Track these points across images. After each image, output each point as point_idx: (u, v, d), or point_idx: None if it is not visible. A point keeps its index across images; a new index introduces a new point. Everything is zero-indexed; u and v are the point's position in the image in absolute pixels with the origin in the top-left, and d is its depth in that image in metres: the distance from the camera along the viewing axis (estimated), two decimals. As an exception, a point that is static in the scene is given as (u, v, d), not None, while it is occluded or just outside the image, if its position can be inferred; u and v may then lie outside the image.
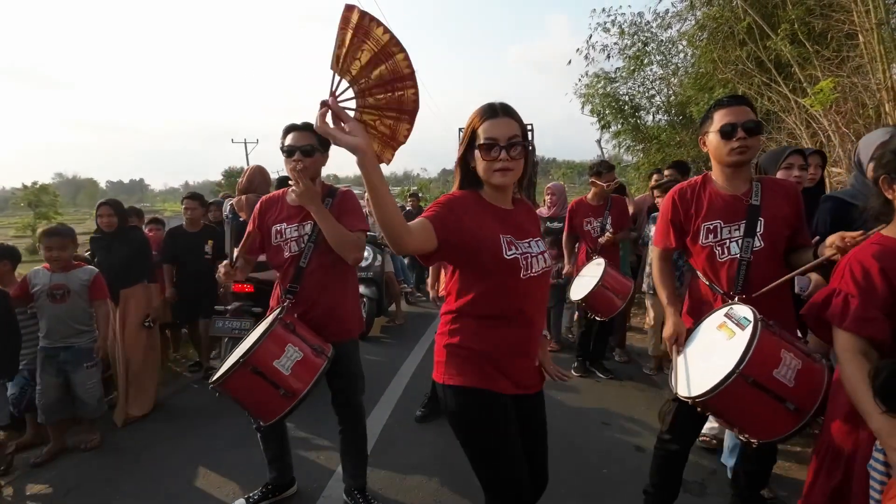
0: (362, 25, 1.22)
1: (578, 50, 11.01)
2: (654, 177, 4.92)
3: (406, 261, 7.45)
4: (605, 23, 10.57)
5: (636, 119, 11.33)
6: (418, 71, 1.33)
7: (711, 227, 1.92)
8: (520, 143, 1.49)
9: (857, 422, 1.33)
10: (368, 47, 1.24)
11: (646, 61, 10.67)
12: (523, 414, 1.61)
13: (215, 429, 3.44)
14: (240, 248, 2.33)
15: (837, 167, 5.71)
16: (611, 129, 11.81)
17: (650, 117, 11.38)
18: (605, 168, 4.13)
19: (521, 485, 1.54)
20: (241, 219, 3.81)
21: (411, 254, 1.43)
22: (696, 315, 1.99)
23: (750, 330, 1.60)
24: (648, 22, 10.44)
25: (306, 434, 3.22)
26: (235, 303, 4.00)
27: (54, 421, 3.08)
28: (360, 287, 5.41)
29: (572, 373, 4.26)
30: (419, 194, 11.03)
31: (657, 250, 2.14)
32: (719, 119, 1.89)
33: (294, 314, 2.23)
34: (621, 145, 12.04)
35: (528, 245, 1.55)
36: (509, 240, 1.51)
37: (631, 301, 4.52)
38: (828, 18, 6.65)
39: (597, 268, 3.74)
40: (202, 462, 3.00)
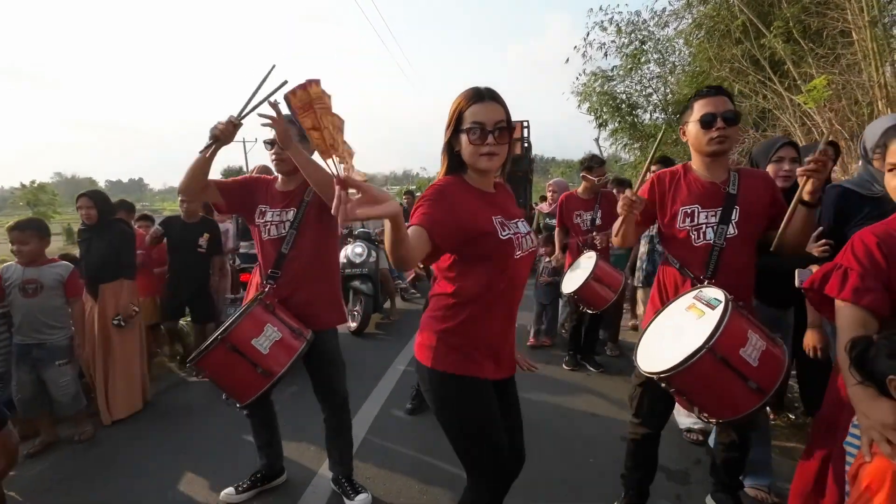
0: (303, 100, 1.30)
1: (576, 48, 11.04)
2: (652, 168, 4.94)
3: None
4: (603, 21, 10.62)
5: (633, 117, 11.37)
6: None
7: (689, 210, 1.94)
8: (505, 128, 1.51)
9: (845, 403, 1.34)
10: (318, 110, 1.32)
11: (643, 59, 10.72)
12: (499, 392, 1.63)
13: (207, 423, 3.46)
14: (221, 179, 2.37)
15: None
16: (608, 128, 11.85)
17: (647, 115, 11.43)
18: (597, 163, 4.15)
19: (506, 461, 1.58)
20: None
21: (416, 261, 1.43)
22: (664, 298, 2.01)
23: (721, 309, 1.63)
24: (646, 20, 10.51)
25: (295, 426, 3.24)
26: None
27: (34, 416, 3.07)
28: (355, 283, 5.49)
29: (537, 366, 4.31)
30: (415, 193, 11.05)
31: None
32: (699, 109, 1.91)
33: (274, 299, 2.25)
34: (618, 143, 12.09)
35: (516, 226, 1.58)
36: (501, 221, 1.53)
37: (622, 295, 4.55)
38: (822, 16, 6.68)
39: (588, 261, 3.76)
40: (193, 454, 3.02)
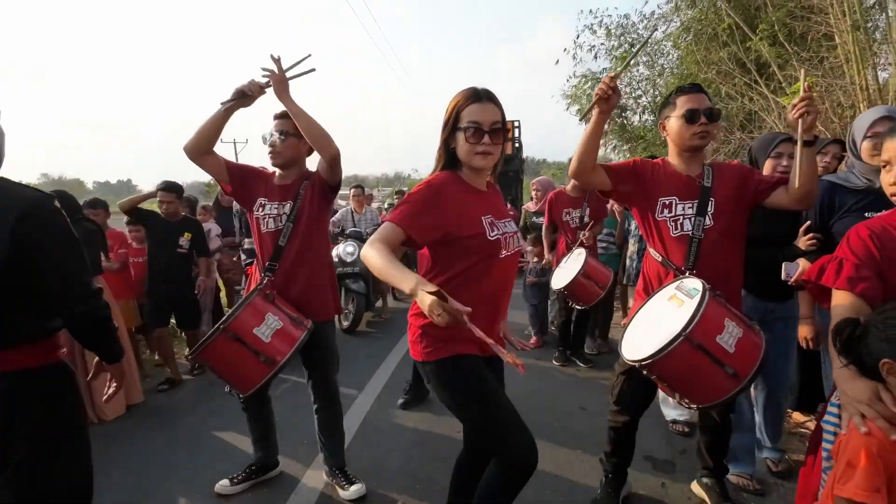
0: None
1: (566, 50, 11.15)
2: None
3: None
4: (593, 24, 10.72)
5: (623, 119, 11.48)
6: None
7: (667, 202, 2.00)
8: (500, 129, 1.57)
9: None
10: None
11: (632, 62, 10.81)
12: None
13: (200, 418, 3.48)
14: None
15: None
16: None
17: (636, 117, 11.55)
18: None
19: (525, 431, 1.56)
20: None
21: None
22: (649, 290, 2.08)
23: (698, 298, 1.69)
24: (634, 23, 10.62)
25: (289, 421, 3.28)
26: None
27: None
28: (347, 282, 5.53)
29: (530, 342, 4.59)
30: (404, 193, 11.10)
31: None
32: (682, 104, 1.97)
33: (274, 290, 2.29)
34: (608, 145, 12.19)
35: (505, 225, 1.64)
36: (490, 220, 1.59)
37: (612, 293, 4.63)
38: (807, 20, 6.81)
39: (577, 258, 3.83)
40: (186, 448, 3.04)
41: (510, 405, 1.59)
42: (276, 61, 2.15)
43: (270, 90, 2.19)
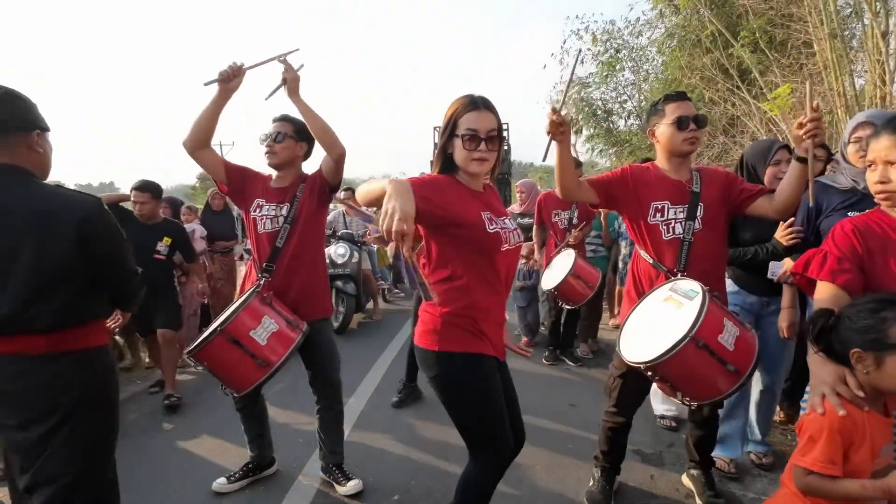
0: None
1: (553, 54, 11.30)
2: None
3: (377, 251, 7.56)
4: (579, 30, 10.89)
5: (609, 123, 11.66)
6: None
7: (660, 206, 2.08)
8: (496, 136, 1.64)
9: None
10: None
11: (618, 67, 11.01)
12: (501, 377, 1.75)
13: (195, 418, 3.49)
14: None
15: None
16: (584, 134, 12.13)
17: (622, 122, 11.74)
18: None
19: (508, 438, 1.69)
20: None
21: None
22: (640, 291, 2.15)
23: (699, 299, 1.76)
24: (620, 29, 10.80)
25: (285, 418, 3.30)
26: None
27: None
28: (338, 283, 5.55)
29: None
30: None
31: (587, 180, 2.25)
32: (672, 112, 2.06)
33: (270, 292, 2.32)
34: (594, 149, 12.37)
35: (503, 222, 1.71)
36: (489, 216, 1.66)
37: (600, 295, 4.72)
38: (786, 28, 7.01)
39: (566, 258, 3.91)
40: (183, 447, 3.05)
41: (504, 417, 1.69)
42: (284, 61, 2.28)
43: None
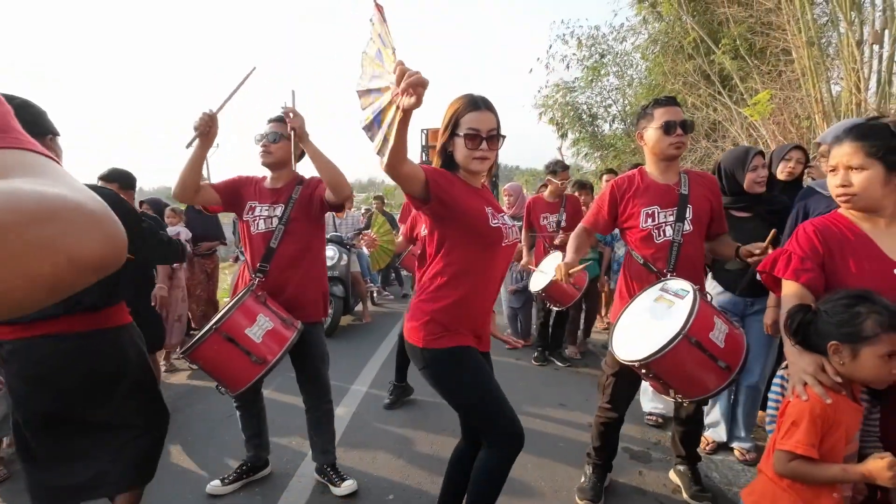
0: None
1: (539, 59, 11.44)
2: (604, 177, 5.25)
3: (369, 254, 7.57)
4: (564, 35, 11.03)
5: (594, 127, 11.82)
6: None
7: (650, 211, 2.16)
8: (496, 136, 1.70)
9: None
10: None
11: (603, 72, 11.17)
12: None
13: (188, 420, 3.47)
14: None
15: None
16: (569, 137, 12.27)
17: (607, 126, 11.90)
18: (560, 167, 4.40)
19: (514, 414, 1.74)
20: None
21: (401, 175, 1.51)
22: (631, 291, 2.22)
23: (690, 298, 1.82)
24: (605, 35, 10.96)
25: (277, 420, 3.30)
26: None
27: None
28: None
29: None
30: (384, 199, 11.15)
31: (583, 226, 2.38)
32: (660, 116, 2.13)
33: (264, 291, 2.33)
34: (579, 153, 12.51)
35: (503, 218, 1.77)
36: (491, 211, 1.72)
37: (596, 300, 4.81)
38: (766, 36, 7.19)
39: (554, 260, 3.96)
40: (176, 449, 3.04)
41: (503, 398, 1.76)
42: (291, 109, 2.28)
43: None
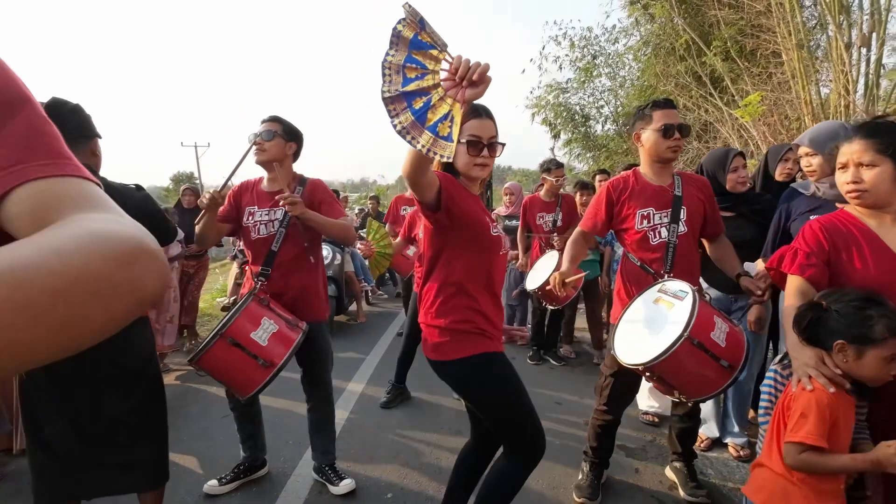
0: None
1: (532, 60, 11.48)
2: (597, 177, 5.27)
3: (367, 262, 7.56)
4: (557, 36, 11.08)
5: (586, 128, 11.88)
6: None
7: (645, 213, 2.19)
8: (496, 143, 1.73)
9: None
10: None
11: (595, 73, 11.24)
12: None
13: (185, 421, 3.45)
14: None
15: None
16: (562, 138, 12.33)
17: (599, 126, 11.97)
18: (554, 165, 4.43)
19: (541, 426, 1.77)
20: None
21: (421, 183, 1.51)
22: (630, 293, 2.24)
23: (690, 299, 1.83)
24: (597, 36, 11.02)
25: (274, 419, 3.30)
26: None
27: None
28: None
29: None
30: (379, 199, 11.18)
31: (580, 230, 2.37)
32: (658, 119, 2.15)
33: (267, 294, 2.34)
34: (572, 153, 12.58)
35: (497, 228, 1.79)
36: (489, 220, 1.74)
37: (599, 301, 4.84)
38: (756, 38, 7.27)
39: (550, 259, 3.99)
40: (173, 449, 2.97)
41: (532, 407, 1.77)
42: (282, 194, 2.25)
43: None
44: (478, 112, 1.70)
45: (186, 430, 3.29)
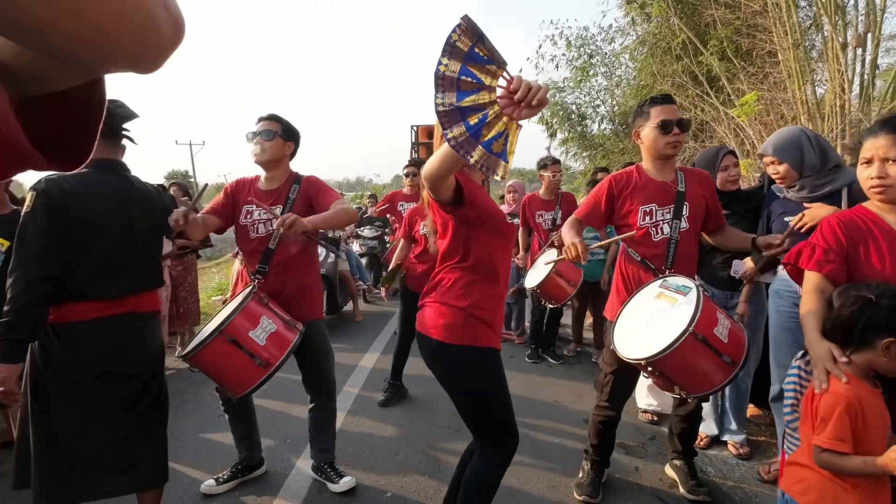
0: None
1: (528, 59, 11.47)
2: (598, 174, 5.27)
3: (364, 261, 7.55)
4: (554, 35, 11.08)
5: (582, 127, 11.88)
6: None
7: (648, 209, 2.17)
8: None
9: None
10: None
11: (591, 73, 11.24)
12: None
13: (182, 420, 3.41)
14: (207, 207, 2.45)
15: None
16: (558, 137, 12.33)
17: (595, 126, 11.97)
18: (551, 161, 4.42)
19: (516, 425, 1.78)
20: None
21: (442, 185, 1.50)
22: (629, 289, 2.23)
23: (694, 294, 1.82)
24: (594, 35, 11.02)
25: (271, 418, 3.27)
26: None
27: None
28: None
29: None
30: (377, 198, 11.13)
31: (575, 217, 2.28)
32: (657, 115, 2.13)
33: (265, 293, 2.31)
34: (568, 153, 12.57)
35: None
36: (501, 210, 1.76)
37: (598, 293, 4.82)
38: (752, 38, 7.29)
39: (550, 257, 3.98)
40: (170, 449, 2.95)
41: (509, 396, 1.78)
42: (277, 220, 2.15)
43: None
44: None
45: (181, 429, 3.26)
